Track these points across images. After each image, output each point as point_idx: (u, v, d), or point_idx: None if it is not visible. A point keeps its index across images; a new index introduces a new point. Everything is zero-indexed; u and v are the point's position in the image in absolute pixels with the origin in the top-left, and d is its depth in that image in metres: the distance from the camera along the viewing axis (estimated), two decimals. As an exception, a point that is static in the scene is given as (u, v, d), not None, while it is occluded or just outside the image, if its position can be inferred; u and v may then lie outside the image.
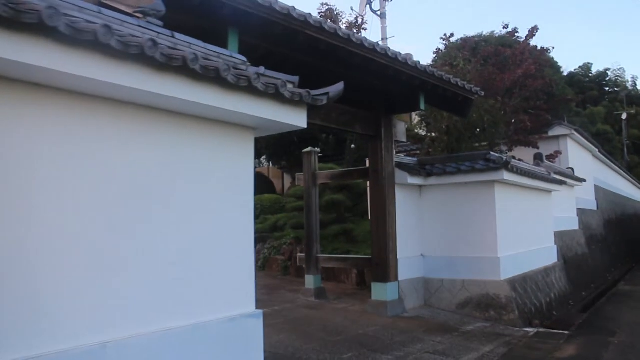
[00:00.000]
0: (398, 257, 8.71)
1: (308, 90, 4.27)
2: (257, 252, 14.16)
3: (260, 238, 14.48)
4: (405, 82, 7.45)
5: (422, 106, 8.33)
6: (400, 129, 9.16)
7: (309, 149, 10.22)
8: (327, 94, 4.49)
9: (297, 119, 4.26)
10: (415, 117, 14.65)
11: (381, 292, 8.45)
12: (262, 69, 3.92)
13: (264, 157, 22.89)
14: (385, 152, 8.63)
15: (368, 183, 9.08)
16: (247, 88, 3.61)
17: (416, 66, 7.20)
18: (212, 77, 3.38)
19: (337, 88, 4.69)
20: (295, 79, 4.29)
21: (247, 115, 3.78)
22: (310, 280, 9.76)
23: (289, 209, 14.43)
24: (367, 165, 8.97)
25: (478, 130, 13.01)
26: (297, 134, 18.11)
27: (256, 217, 16.45)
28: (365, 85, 7.64)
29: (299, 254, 10.53)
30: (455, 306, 8.85)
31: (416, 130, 14.38)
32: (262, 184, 19.43)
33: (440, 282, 9.15)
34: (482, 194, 8.94)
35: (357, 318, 8.15)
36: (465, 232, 9.02)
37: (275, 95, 3.85)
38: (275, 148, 19.59)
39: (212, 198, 3.98)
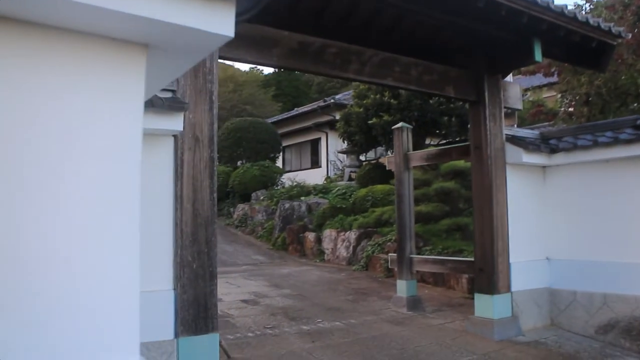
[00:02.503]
0: (511, 260, 6.57)
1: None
2: (361, 250, 12.48)
3: (364, 234, 12.80)
4: (513, 23, 5.34)
5: (538, 57, 6.07)
6: (512, 93, 6.96)
7: (400, 124, 8.32)
8: None
9: (215, 21, 2.28)
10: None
11: (486, 306, 6.39)
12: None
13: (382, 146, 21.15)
14: (491, 122, 6.53)
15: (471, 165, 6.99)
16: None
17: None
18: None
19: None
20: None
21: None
22: (402, 287, 7.88)
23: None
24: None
25: (629, 97, 10.13)
26: (414, 118, 16.13)
27: (364, 209, 14.89)
28: (456, 31, 5.69)
29: (389, 255, 8.67)
30: (593, 330, 6.48)
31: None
32: (381, 175, 17.73)
33: (571, 295, 6.79)
34: (631, 174, 6.47)
35: (452, 341, 6.16)
36: (608, 227, 6.58)
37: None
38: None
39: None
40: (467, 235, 10.34)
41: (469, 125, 6.86)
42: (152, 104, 4.15)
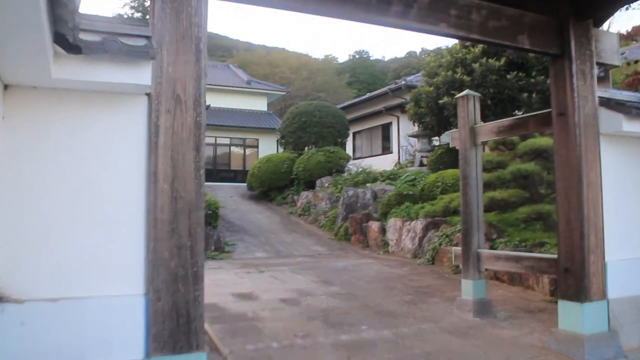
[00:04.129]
0: (607, 258, 5.09)
1: None
2: (427, 241, 11.13)
3: (432, 223, 11.43)
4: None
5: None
6: (607, 44, 5.42)
7: (465, 92, 6.90)
8: None
9: None
10: None
11: (574, 317, 4.96)
12: None
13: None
14: (579, 82, 5.05)
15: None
16: None
17: None
18: None
19: None
20: None
21: None
22: (467, 288, 6.52)
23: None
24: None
25: None
26: (490, 95, 14.49)
27: (432, 197, 13.46)
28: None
29: (453, 248, 7.29)
30: None
31: None
32: (454, 159, 16.20)
33: (691, 304, 5.24)
34: None
35: (528, 362, 4.80)
36: None
37: None
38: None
39: None
40: (550, 225, 8.78)
41: (550, 90, 5.40)
42: (105, 49, 3.10)
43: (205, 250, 12.40)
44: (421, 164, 19.54)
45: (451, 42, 18.90)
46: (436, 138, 21.01)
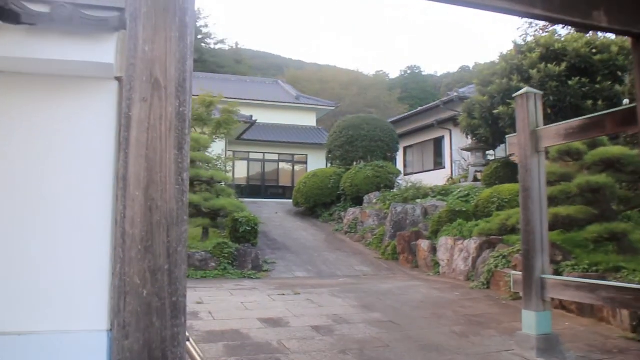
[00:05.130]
0: None
1: None
2: (482, 262, 10.08)
3: (486, 243, 10.38)
4: None
5: None
6: None
7: (524, 90, 5.94)
8: None
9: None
10: None
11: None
12: None
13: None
14: (672, 69, 4.08)
15: None
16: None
17: None
18: None
19: None
20: None
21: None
22: (530, 320, 5.51)
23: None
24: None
25: None
26: (550, 104, 13.32)
27: (487, 213, 12.37)
28: None
29: (513, 273, 6.26)
30: None
31: None
32: (511, 174, 15.07)
33: None
34: None
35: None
36: None
37: None
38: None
39: None
40: (627, 247, 7.66)
41: (627, 81, 4.42)
42: (52, 18, 2.41)
43: (242, 269, 11.75)
44: (475, 179, 18.44)
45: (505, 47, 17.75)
46: (491, 152, 19.89)
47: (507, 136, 6.37)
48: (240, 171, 30.04)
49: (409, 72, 74.37)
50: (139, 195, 2.67)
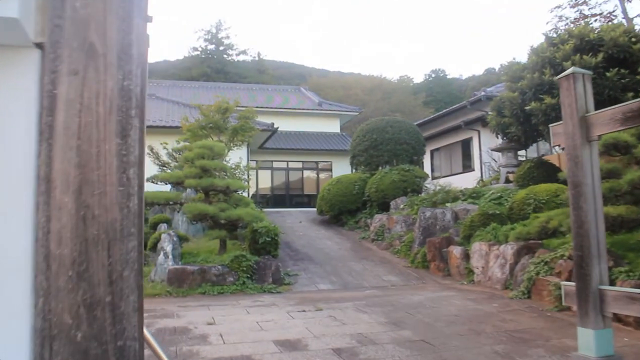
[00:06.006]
0: None
1: None
2: (521, 269, 9.19)
3: (525, 248, 9.50)
4: None
5: None
6: None
7: (570, 70, 5.10)
8: None
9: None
10: None
11: None
12: None
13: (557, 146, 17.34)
14: None
15: None
16: None
17: None
18: None
19: None
20: None
21: None
22: (587, 340, 4.66)
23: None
24: None
25: None
26: (607, 94, 12.34)
27: (523, 216, 11.45)
28: None
29: (563, 284, 5.39)
30: None
31: None
32: (545, 174, 14.17)
33: None
34: None
35: None
36: None
37: None
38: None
39: None
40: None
41: None
42: None
43: (262, 283, 11.03)
44: (507, 181, 17.48)
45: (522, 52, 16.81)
46: (522, 153, 18.92)
47: (550, 125, 5.51)
48: (264, 181, 29.51)
49: (433, 75, 73.49)
50: (67, 202, 1.92)
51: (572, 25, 23.09)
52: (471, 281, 10.87)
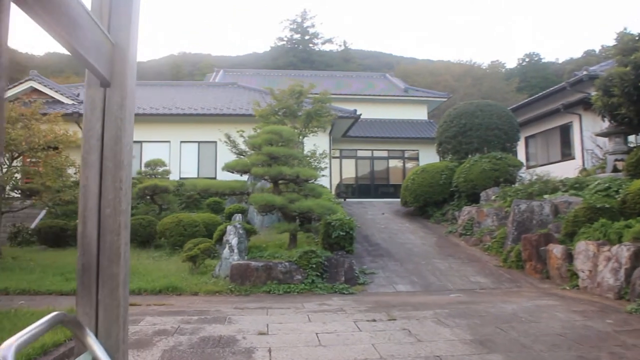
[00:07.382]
0: None
1: None
2: (639, 276, 7.56)
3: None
4: None
5: None
6: None
7: None
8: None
9: None
10: None
11: None
12: None
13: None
14: None
15: None
16: None
17: None
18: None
19: None
20: None
21: None
22: None
23: None
24: None
25: None
26: None
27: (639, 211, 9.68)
28: None
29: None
30: None
31: None
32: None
33: None
34: None
35: None
36: None
37: None
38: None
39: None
40: None
41: None
42: None
43: (333, 282, 9.99)
44: (615, 170, 15.40)
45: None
46: (631, 139, 16.72)
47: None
48: (348, 170, 28.53)
49: (527, 60, 69.46)
50: None
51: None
52: (575, 286, 9.32)
